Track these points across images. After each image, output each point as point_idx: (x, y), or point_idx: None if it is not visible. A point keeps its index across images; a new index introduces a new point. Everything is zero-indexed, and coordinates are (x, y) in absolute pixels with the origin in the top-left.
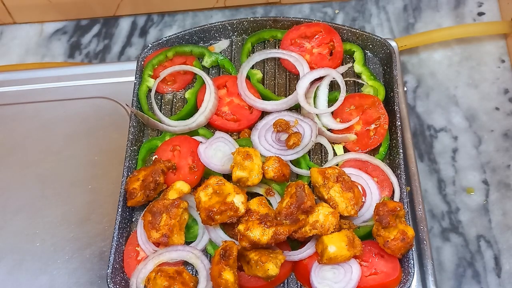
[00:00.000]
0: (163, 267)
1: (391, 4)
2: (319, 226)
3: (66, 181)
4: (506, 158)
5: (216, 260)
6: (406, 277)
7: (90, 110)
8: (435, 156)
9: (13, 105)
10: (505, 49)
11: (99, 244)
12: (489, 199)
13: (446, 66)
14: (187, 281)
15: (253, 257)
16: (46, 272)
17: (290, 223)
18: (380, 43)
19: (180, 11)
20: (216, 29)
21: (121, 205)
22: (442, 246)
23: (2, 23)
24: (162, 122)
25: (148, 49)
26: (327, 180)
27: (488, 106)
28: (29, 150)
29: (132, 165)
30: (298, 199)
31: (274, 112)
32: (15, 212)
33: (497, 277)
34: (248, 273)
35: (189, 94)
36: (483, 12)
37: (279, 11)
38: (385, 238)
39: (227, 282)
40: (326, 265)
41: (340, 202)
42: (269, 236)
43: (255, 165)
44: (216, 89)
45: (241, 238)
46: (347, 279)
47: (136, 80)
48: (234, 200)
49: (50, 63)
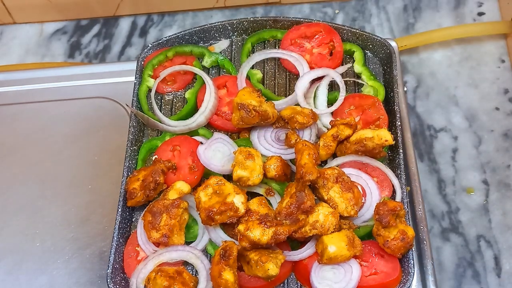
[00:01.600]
0: (163, 267)
1: (391, 4)
2: (319, 226)
3: (66, 181)
4: (506, 158)
5: (216, 260)
6: (406, 277)
7: (90, 110)
8: (435, 156)
9: (13, 105)
10: (505, 49)
11: (99, 244)
12: (489, 199)
13: (446, 66)
14: (187, 281)
15: (253, 257)
16: (46, 272)
17: (290, 223)
18: (380, 43)
19: (180, 11)
20: (216, 29)
21: (121, 205)
22: (442, 246)
23: (2, 23)
24: (162, 122)
25: (148, 49)
26: (326, 180)
27: (488, 106)
28: (29, 150)
29: (132, 165)
30: (298, 199)
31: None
32: (15, 212)
33: (497, 277)
34: (248, 273)
35: (189, 94)
36: (483, 12)
37: (279, 11)
38: (385, 237)
39: (227, 282)
40: (326, 265)
41: (340, 202)
42: (269, 236)
43: (256, 165)
44: (216, 89)
45: (241, 238)
46: (347, 279)
47: (136, 80)
48: (234, 200)
49: (50, 63)
